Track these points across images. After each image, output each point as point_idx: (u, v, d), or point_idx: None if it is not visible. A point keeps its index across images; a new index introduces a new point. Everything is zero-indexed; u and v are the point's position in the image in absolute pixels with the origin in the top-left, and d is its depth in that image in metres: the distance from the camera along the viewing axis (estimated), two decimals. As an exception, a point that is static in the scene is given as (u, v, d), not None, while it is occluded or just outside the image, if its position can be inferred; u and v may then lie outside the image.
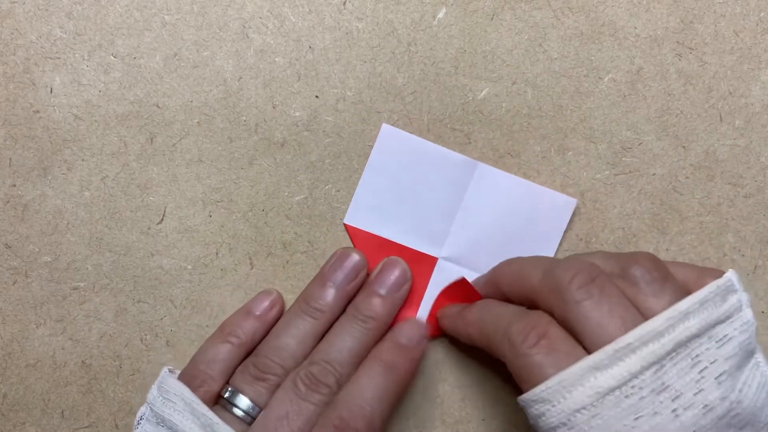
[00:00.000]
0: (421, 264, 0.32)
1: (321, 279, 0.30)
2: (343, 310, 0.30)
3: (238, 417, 0.28)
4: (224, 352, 0.30)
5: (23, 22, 0.32)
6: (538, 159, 0.32)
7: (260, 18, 0.32)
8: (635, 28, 0.31)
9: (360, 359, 0.29)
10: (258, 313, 0.31)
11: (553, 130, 0.32)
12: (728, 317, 0.24)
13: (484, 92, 0.32)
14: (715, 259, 0.32)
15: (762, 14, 0.31)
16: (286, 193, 0.32)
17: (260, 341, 0.31)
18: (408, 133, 0.31)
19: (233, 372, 0.30)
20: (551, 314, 0.25)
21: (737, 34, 0.31)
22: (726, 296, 0.24)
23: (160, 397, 0.28)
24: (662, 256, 0.32)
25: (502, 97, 0.32)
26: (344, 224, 0.32)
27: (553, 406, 0.23)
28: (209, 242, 0.32)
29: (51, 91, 0.32)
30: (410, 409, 0.32)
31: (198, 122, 0.32)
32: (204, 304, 0.32)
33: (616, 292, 0.24)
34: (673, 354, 0.23)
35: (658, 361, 0.23)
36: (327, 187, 0.32)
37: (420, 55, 0.32)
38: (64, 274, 0.32)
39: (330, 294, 0.30)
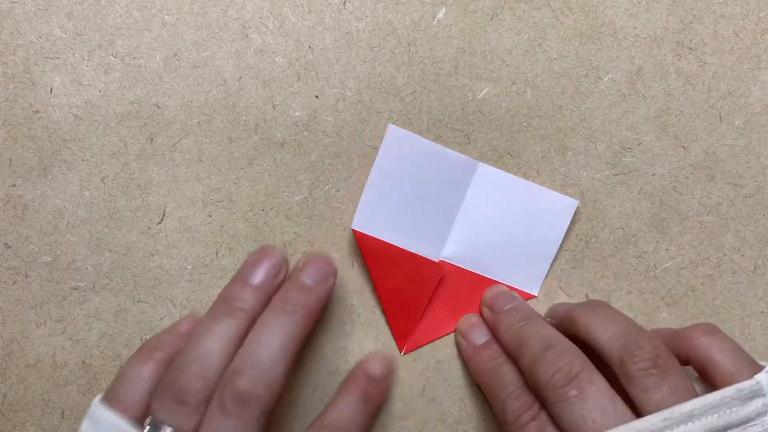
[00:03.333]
0: (427, 269, 0.32)
1: (240, 277, 0.28)
2: (262, 309, 0.28)
3: None
4: (147, 372, 0.27)
5: (23, 22, 0.32)
6: (538, 159, 0.32)
7: (260, 18, 0.32)
8: (635, 28, 0.31)
9: (291, 354, 0.27)
10: (183, 331, 0.29)
11: (553, 130, 0.32)
12: (747, 421, 0.23)
13: (484, 92, 0.32)
14: (715, 259, 0.32)
15: (762, 14, 0.31)
16: (286, 193, 0.32)
17: None
18: (414, 134, 0.31)
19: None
20: None
21: (737, 34, 0.32)
22: (750, 399, 0.23)
23: (94, 429, 0.26)
24: (662, 256, 0.32)
25: (501, 97, 0.32)
26: (353, 230, 0.31)
27: None
28: (209, 242, 0.32)
29: (51, 91, 0.32)
30: (410, 409, 0.32)
31: (198, 122, 0.32)
32: (204, 304, 0.32)
33: (597, 392, 0.24)
34: None
35: None
36: (327, 187, 0.32)
37: (420, 55, 0.32)
38: (64, 274, 0.32)
39: (250, 292, 0.28)
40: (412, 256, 0.31)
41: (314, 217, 0.32)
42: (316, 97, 0.32)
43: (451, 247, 0.32)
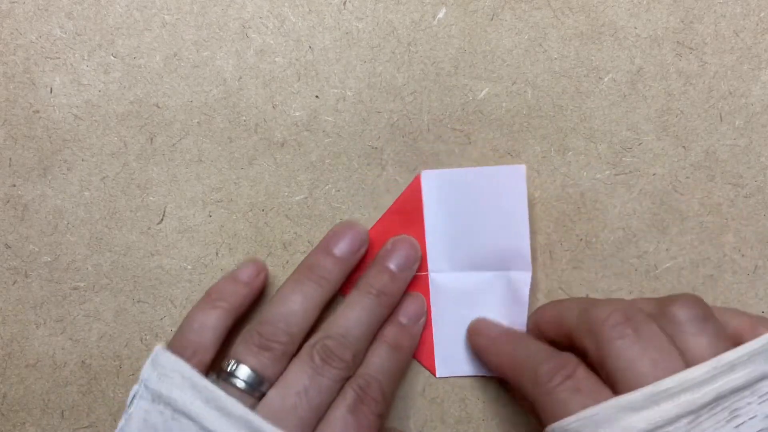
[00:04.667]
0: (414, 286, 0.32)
1: (324, 247, 0.30)
2: (345, 281, 0.30)
3: (239, 389, 0.27)
4: (213, 318, 0.28)
5: (23, 22, 0.32)
6: (538, 159, 0.32)
7: (260, 18, 0.32)
8: (635, 28, 0.31)
9: (372, 334, 0.29)
10: (245, 279, 0.30)
11: (553, 130, 0.32)
12: None
13: (484, 92, 0.32)
14: (715, 259, 0.32)
15: (762, 14, 0.31)
16: (286, 193, 0.32)
17: (249, 307, 0.30)
18: (447, 170, 0.31)
19: (224, 339, 0.29)
20: (585, 355, 0.25)
21: (737, 34, 0.31)
22: None
23: (155, 373, 0.26)
24: (662, 256, 0.32)
25: (502, 97, 0.32)
26: (420, 174, 0.31)
27: None
28: (209, 242, 0.32)
29: (51, 91, 0.32)
30: (410, 409, 0.32)
31: (198, 122, 0.32)
32: (204, 304, 0.32)
33: (653, 333, 0.23)
34: (713, 405, 0.22)
35: (696, 411, 0.22)
36: (327, 187, 0.32)
37: (420, 55, 0.32)
38: (64, 274, 0.32)
39: (334, 262, 0.30)
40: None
41: (314, 217, 0.32)
42: (316, 97, 0.32)
43: (434, 261, 0.32)
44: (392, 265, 0.30)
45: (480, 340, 0.31)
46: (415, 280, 0.31)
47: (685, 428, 0.22)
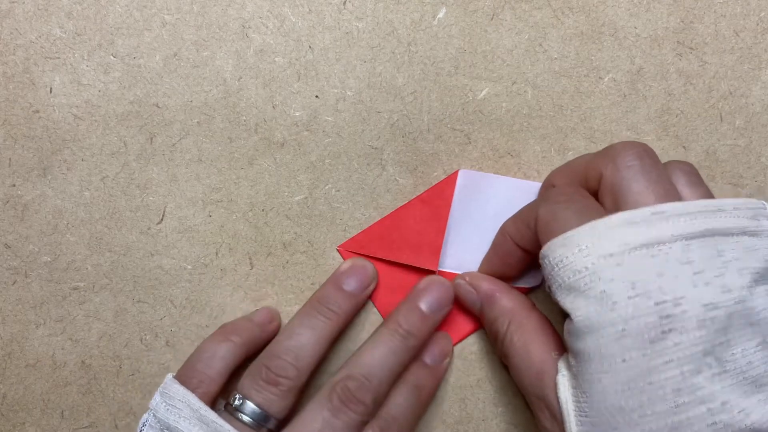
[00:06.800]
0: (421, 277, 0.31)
1: (335, 282, 0.30)
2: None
3: (245, 423, 0.27)
4: (223, 350, 0.29)
5: (23, 22, 0.32)
6: (538, 159, 0.32)
7: (260, 18, 0.32)
8: (635, 28, 0.31)
9: (395, 377, 0.29)
10: (258, 321, 0.31)
11: (554, 130, 0.32)
12: (756, 234, 0.24)
13: (484, 92, 0.32)
14: (716, 259, 0.32)
15: (762, 14, 0.31)
16: (286, 193, 0.32)
17: (260, 348, 0.30)
18: (485, 173, 0.31)
19: (232, 372, 0.29)
20: (599, 182, 0.26)
21: (737, 34, 0.31)
22: (758, 216, 0.24)
23: (164, 403, 0.27)
24: (662, 256, 0.32)
25: (502, 97, 0.32)
26: (458, 170, 0.31)
27: (580, 250, 0.23)
28: (209, 242, 0.32)
29: (51, 91, 0.32)
30: (410, 409, 0.32)
31: (198, 122, 0.32)
32: (204, 304, 0.32)
33: (661, 173, 0.25)
34: (702, 238, 0.23)
35: (688, 238, 0.23)
36: (327, 187, 0.32)
37: (420, 55, 0.32)
38: (64, 274, 0.32)
39: (343, 297, 0.30)
40: (407, 268, 0.31)
41: (314, 217, 0.32)
42: (316, 97, 0.32)
43: (449, 258, 0.31)
44: (424, 305, 0.29)
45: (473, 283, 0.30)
46: (421, 274, 0.31)
47: (678, 250, 0.23)
